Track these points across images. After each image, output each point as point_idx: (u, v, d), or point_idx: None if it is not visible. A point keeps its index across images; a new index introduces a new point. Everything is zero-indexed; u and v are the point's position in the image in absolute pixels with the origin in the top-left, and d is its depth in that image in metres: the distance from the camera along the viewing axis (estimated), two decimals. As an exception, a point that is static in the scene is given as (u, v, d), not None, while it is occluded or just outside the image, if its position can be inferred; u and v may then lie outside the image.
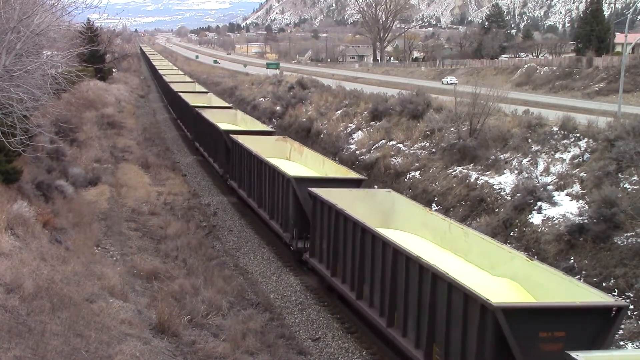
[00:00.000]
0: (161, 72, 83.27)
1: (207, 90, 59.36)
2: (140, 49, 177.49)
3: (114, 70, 78.26)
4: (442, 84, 75.69)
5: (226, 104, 47.23)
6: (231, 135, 30.23)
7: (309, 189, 19.63)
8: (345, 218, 17.21)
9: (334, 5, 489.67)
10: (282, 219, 22.24)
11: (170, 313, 14.24)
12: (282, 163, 25.64)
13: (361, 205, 19.03)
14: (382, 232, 15.81)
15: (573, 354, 9.17)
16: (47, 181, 21.29)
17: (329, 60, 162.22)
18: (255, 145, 27.38)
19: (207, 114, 37.24)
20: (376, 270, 15.47)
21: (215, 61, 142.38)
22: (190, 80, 72.45)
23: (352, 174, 22.74)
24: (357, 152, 37.66)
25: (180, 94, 50.51)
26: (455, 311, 12.21)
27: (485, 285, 13.37)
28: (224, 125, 34.22)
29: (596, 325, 11.42)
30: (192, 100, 46.12)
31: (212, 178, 35.27)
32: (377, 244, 15.48)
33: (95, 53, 55.46)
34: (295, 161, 27.66)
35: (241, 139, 28.93)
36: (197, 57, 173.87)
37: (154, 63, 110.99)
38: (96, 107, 46.31)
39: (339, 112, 46.07)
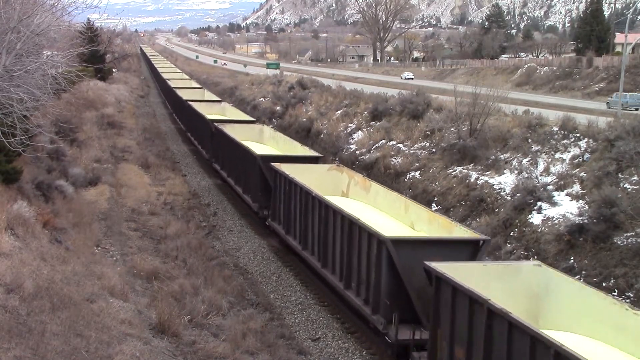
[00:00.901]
0: (164, 75, 75.39)
1: (219, 99, 51.68)
2: (141, 49, 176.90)
3: (114, 70, 78.24)
4: (401, 78, 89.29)
5: (248, 117, 40.46)
6: (274, 164, 23.14)
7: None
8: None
9: (334, 5, 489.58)
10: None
11: (170, 313, 14.24)
12: (339, 200, 20.57)
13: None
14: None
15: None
16: (47, 181, 21.29)
17: (329, 60, 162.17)
18: (303, 176, 21.54)
19: (230, 131, 31.21)
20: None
21: (215, 61, 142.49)
22: (198, 85, 65.43)
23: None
24: (357, 152, 37.67)
25: (191, 103, 44.12)
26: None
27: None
28: (255, 147, 28.06)
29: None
30: (204, 110, 39.84)
31: (213, 178, 35.27)
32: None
33: (95, 53, 55.44)
34: (357, 198, 22.13)
35: (288, 169, 22.40)
36: (197, 57, 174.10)
37: (156, 66, 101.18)
38: (96, 107, 46.29)
39: (339, 112, 46.08)
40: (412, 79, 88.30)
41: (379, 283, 14.96)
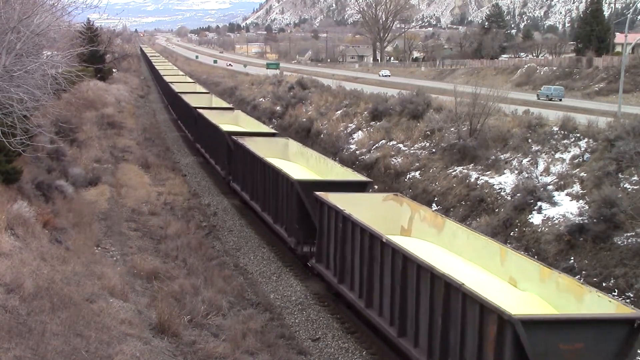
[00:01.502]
0: (166, 78, 70.28)
1: (232, 107, 45.93)
2: (141, 49, 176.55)
3: (114, 70, 78.25)
4: (379, 76, 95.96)
5: (267, 128, 35.68)
6: (319, 195, 19.04)
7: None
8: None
9: (334, 5, 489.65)
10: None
11: (170, 313, 14.24)
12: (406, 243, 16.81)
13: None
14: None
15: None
16: (47, 181, 21.28)
17: (329, 60, 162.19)
18: (353, 209, 17.78)
19: (252, 146, 27.18)
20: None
21: (215, 61, 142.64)
22: (204, 90, 60.09)
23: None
24: (357, 152, 37.67)
25: (201, 111, 38.93)
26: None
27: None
28: (287, 168, 23.95)
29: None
30: (217, 119, 35.67)
31: (213, 178, 35.26)
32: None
33: (95, 53, 55.45)
34: (426, 238, 18.53)
35: (338, 201, 18.41)
36: (197, 57, 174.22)
37: (157, 68, 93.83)
38: (96, 107, 46.30)
39: (339, 112, 46.09)
40: (389, 76, 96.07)
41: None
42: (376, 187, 29.27)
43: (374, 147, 36.80)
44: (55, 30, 18.03)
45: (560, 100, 54.58)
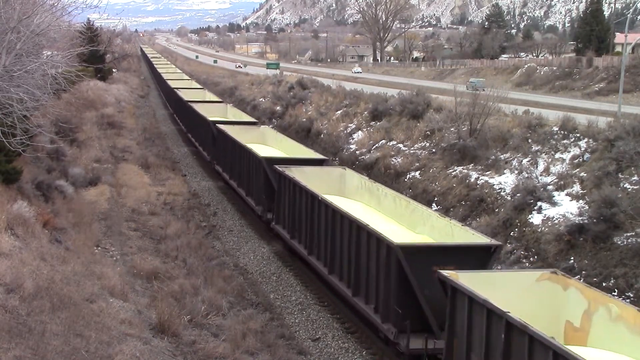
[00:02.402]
0: (170, 82, 63.33)
1: (254, 120, 39.11)
2: (141, 50, 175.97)
3: (114, 70, 78.22)
4: (352, 72, 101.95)
5: (313, 152, 27.98)
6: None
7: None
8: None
9: (334, 5, 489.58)
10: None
11: (170, 313, 14.24)
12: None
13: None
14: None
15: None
16: (47, 181, 21.28)
17: (329, 60, 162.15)
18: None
19: (302, 179, 21.53)
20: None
21: (215, 61, 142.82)
22: (218, 99, 51.85)
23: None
24: (357, 152, 37.67)
25: (222, 127, 33.10)
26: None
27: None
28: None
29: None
30: (241, 136, 30.04)
31: (213, 179, 35.25)
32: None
33: (95, 53, 55.44)
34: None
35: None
36: (197, 57, 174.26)
37: (160, 71, 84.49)
38: (96, 107, 46.30)
39: (339, 112, 46.08)
40: (361, 72, 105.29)
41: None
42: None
43: (374, 147, 36.79)
44: (55, 30, 18.02)
45: (484, 90, 57.89)
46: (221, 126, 32.83)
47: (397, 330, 14.20)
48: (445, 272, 12.58)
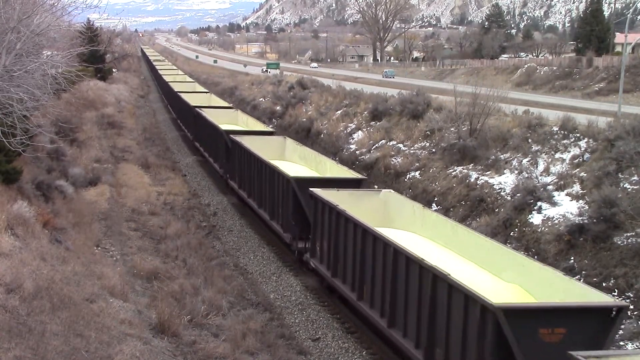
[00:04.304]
0: (173, 86, 59.48)
1: (271, 130, 35.41)
2: (142, 50, 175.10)
3: (114, 70, 78.21)
4: (310, 67, 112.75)
5: (346, 170, 23.65)
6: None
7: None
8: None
9: (334, 5, 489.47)
10: None
11: (170, 313, 14.24)
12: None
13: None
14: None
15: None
16: (47, 181, 21.27)
17: (329, 60, 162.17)
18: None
19: (348, 208, 17.98)
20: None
21: (215, 61, 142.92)
22: (228, 105, 47.05)
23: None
24: (357, 152, 37.67)
25: (241, 140, 28.68)
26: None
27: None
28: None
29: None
30: (262, 151, 26.59)
31: (213, 179, 35.24)
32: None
33: (95, 53, 55.44)
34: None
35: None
36: (197, 57, 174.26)
37: (162, 74, 77.10)
38: (96, 107, 46.30)
39: (339, 112, 46.08)
40: (317, 67, 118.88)
41: None
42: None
43: (374, 147, 36.79)
44: (55, 30, 18.02)
45: (393, 77, 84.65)
46: (237, 138, 28.64)
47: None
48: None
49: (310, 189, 19.46)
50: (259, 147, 27.03)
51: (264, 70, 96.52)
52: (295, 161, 27.37)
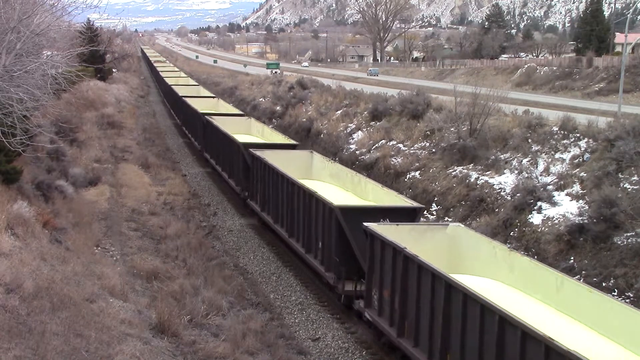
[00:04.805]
0: (178, 89, 54.85)
1: (296, 143, 30.48)
2: (142, 50, 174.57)
3: (114, 70, 78.17)
4: (302, 66, 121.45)
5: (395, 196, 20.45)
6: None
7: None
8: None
9: (334, 5, 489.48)
10: None
11: (170, 313, 14.23)
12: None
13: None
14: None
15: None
16: (47, 181, 21.27)
17: (329, 60, 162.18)
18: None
19: (386, 232, 16.19)
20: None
21: (215, 61, 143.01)
22: (239, 112, 42.85)
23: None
24: (357, 152, 37.67)
25: (268, 160, 25.09)
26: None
27: None
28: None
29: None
30: (285, 167, 23.95)
31: (212, 178, 35.22)
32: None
33: (95, 53, 55.43)
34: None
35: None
36: (197, 57, 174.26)
37: (167, 80, 68.90)
38: (96, 107, 46.28)
39: (339, 112, 46.08)
40: (308, 66, 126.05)
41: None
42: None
43: (373, 147, 36.79)
44: (55, 30, 18.02)
45: (377, 75, 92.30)
46: (259, 153, 25.77)
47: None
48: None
49: (365, 223, 16.30)
50: (283, 163, 24.06)
51: (274, 71, 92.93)
52: (325, 180, 23.95)
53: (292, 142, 29.27)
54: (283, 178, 22.46)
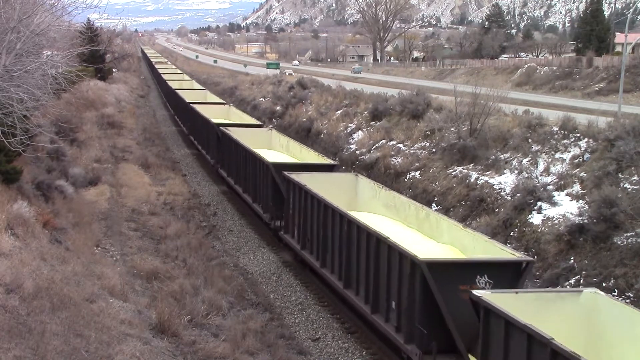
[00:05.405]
0: (183, 95, 50.83)
1: (335, 164, 26.70)
2: (142, 51, 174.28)
3: (114, 70, 78.15)
4: (292, 64, 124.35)
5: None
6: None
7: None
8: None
9: (334, 5, 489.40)
10: None
11: (170, 313, 14.23)
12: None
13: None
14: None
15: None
16: (47, 181, 21.27)
17: (329, 60, 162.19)
18: None
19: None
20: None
21: (215, 61, 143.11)
22: (257, 123, 38.25)
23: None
24: (357, 152, 37.67)
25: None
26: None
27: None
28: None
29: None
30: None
31: (212, 178, 35.21)
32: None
33: (95, 53, 55.42)
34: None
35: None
36: (197, 57, 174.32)
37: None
38: (96, 107, 46.27)
39: (339, 112, 46.09)
40: (298, 65, 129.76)
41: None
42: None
43: (374, 147, 36.79)
44: (55, 30, 18.01)
45: (360, 73, 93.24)
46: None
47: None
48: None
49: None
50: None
51: (284, 72, 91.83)
52: (378, 212, 21.43)
53: (329, 161, 25.48)
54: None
